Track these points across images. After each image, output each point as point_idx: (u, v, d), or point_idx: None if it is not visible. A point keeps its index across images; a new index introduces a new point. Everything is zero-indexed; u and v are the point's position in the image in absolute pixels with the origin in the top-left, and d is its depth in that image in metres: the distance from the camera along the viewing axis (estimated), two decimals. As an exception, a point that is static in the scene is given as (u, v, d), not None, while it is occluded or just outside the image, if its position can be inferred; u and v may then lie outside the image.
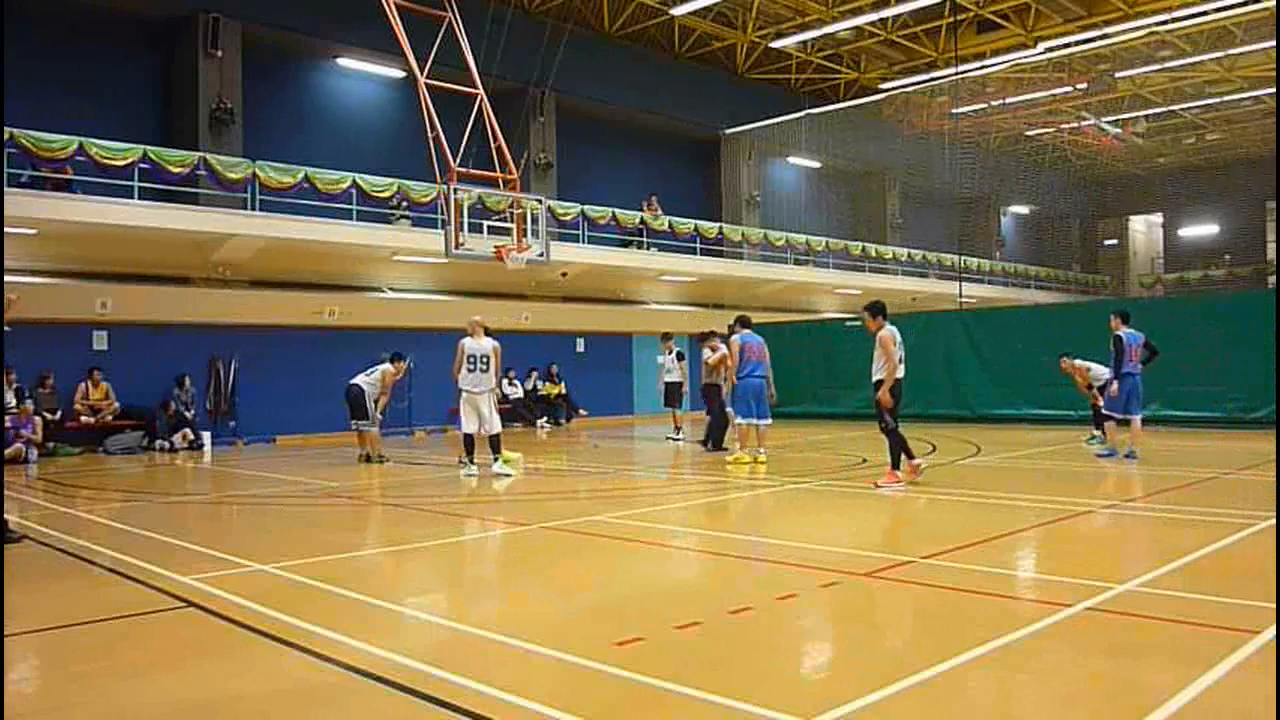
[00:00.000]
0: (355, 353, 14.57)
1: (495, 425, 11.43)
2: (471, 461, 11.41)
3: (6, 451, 13.30)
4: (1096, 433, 13.34)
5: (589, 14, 24.05)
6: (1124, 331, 11.45)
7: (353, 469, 12.78)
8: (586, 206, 21.69)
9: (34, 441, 14.18)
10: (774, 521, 8.14)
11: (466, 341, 11.35)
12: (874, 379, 9.55)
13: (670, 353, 16.63)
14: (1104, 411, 11.86)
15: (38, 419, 14.53)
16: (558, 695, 3.65)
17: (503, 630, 4.54)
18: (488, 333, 11.56)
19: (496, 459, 11.37)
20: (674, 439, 16.08)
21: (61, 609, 5.25)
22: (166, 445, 16.01)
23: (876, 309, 9.58)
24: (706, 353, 14.19)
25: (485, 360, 11.29)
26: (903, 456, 9.48)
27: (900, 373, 9.41)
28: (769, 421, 12.12)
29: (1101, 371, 12.56)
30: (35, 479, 11.97)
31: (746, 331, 12.35)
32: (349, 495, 10.20)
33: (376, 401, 13.41)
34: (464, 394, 11.29)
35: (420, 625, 4.96)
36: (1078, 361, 13.45)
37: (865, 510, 8.55)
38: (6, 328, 7.16)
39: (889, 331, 9.36)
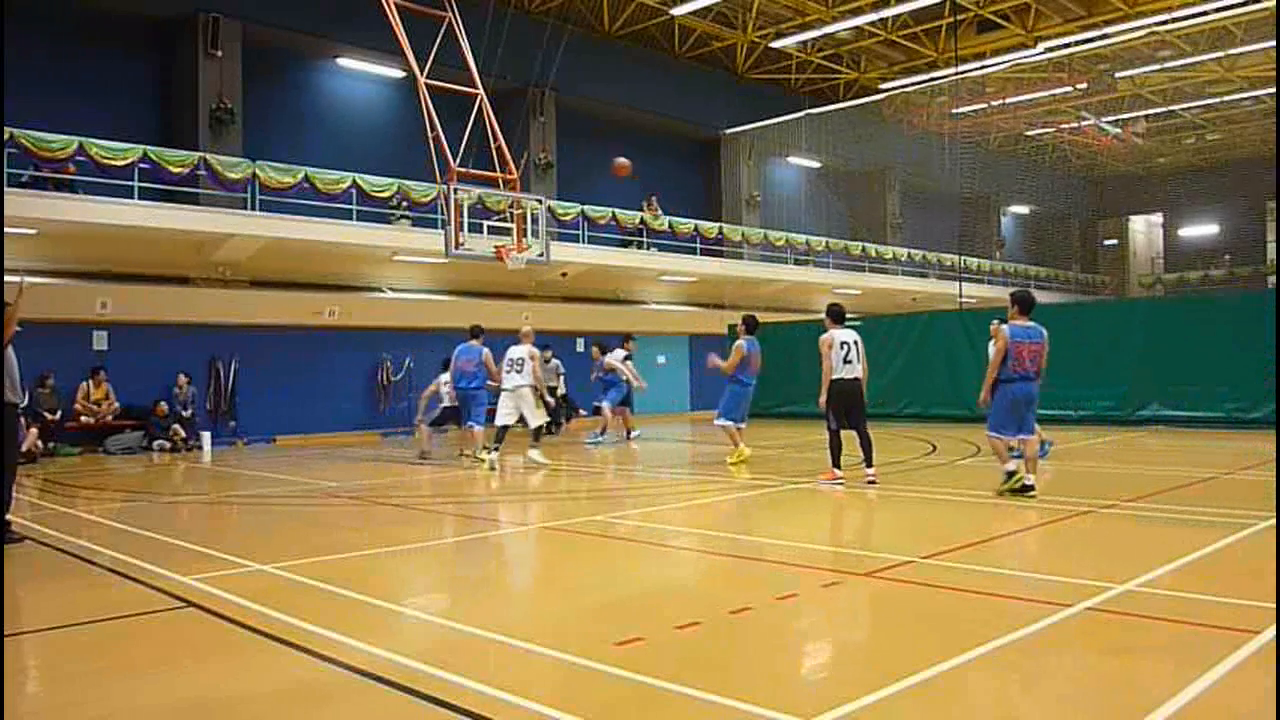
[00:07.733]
0: (355, 353, 14.52)
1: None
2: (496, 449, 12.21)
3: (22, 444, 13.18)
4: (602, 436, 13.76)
5: (589, 14, 24.04)
6: (1013, 326, 8.48)
7: (352, 468, 12.77)
8: (586, 206, 21.68)
9: (32, 448, 13.80)
10: (774, 521, 8.13)
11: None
12: None
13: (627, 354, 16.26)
14: (989, 433, 8.71)
15: (29, 419, 14.03)
16: (558, 695, 3.66)
17: (503, 630, 4.54)
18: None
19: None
20: (596, 442, 15.68)
21: (61, 609, 5.25)
22: (167, 444, 16.00)
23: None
24: None
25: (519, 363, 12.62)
26: None
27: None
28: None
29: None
30: (35, 479, 11.96)
31: (752, 338, 12.08)
32: (349, 495, 10.19)
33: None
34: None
35: (420, 625, 4.96)
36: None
37: (866, 510, 8.55)
38: (18, 328, 7.19)
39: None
